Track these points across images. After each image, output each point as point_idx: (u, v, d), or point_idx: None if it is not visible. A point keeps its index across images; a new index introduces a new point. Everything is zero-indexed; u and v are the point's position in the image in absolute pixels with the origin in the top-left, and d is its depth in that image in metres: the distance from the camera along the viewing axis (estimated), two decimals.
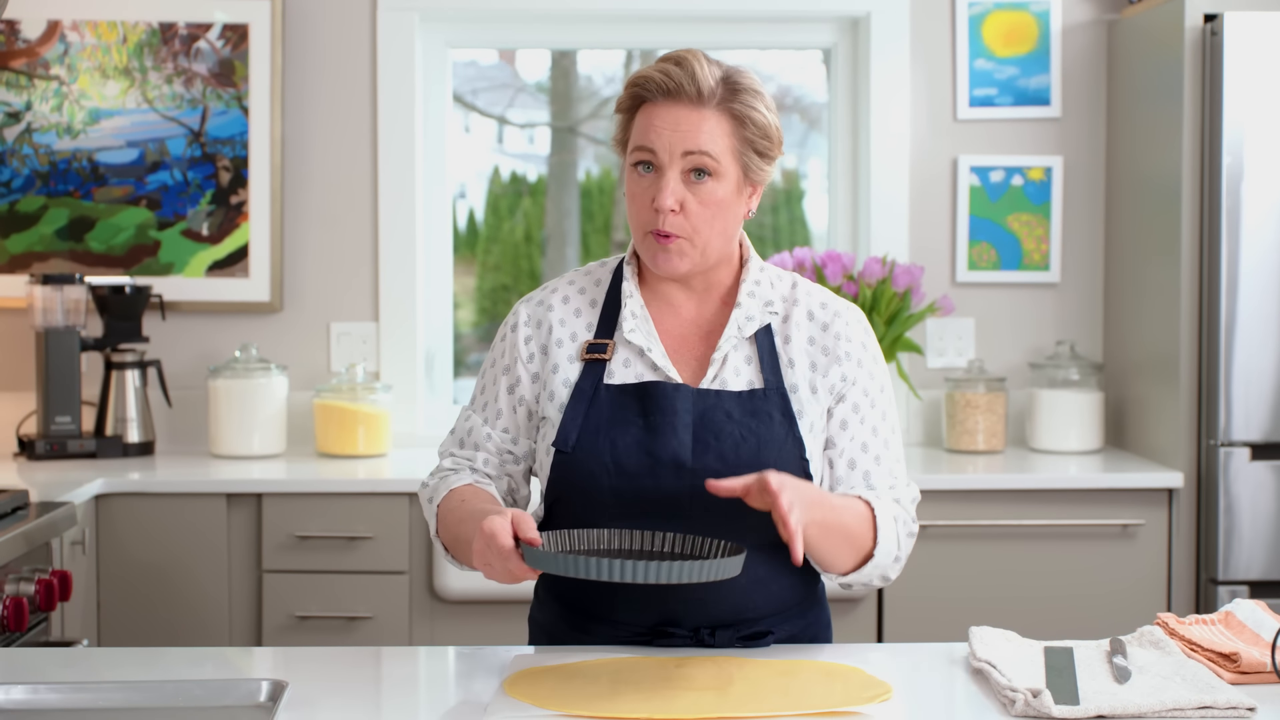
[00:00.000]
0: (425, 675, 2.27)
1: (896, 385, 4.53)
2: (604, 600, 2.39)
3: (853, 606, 3.99)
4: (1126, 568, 4.01)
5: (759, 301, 2.44)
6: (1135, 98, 4.35)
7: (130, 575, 3.93)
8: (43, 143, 4.46)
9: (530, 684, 2.12)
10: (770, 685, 2.12)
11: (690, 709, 2.01)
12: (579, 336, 2.45)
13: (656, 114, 2.34)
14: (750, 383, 2.39)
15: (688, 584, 2.25)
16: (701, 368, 2.42)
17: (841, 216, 4.70)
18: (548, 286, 2.53)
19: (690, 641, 2.36)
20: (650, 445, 2.33)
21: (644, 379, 2.39)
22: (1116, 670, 2.13)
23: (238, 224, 4.48)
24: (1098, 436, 4.38)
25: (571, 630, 2.44)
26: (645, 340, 2.41)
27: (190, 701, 2.00)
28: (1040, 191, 4.56)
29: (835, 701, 2.04)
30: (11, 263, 4.46)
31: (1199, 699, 1.98)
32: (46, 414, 4.27)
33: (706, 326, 2.45)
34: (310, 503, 3.95)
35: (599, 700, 2.04)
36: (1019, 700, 2.00)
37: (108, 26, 4.46)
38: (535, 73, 5.59)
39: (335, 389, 4.33)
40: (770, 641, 2.38)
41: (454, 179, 4.85)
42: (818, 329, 2.44)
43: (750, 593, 2.37)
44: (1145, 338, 4.27)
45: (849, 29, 4.66)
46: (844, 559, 2.35)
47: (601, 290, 2.49)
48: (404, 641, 3.96)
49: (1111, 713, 1.97)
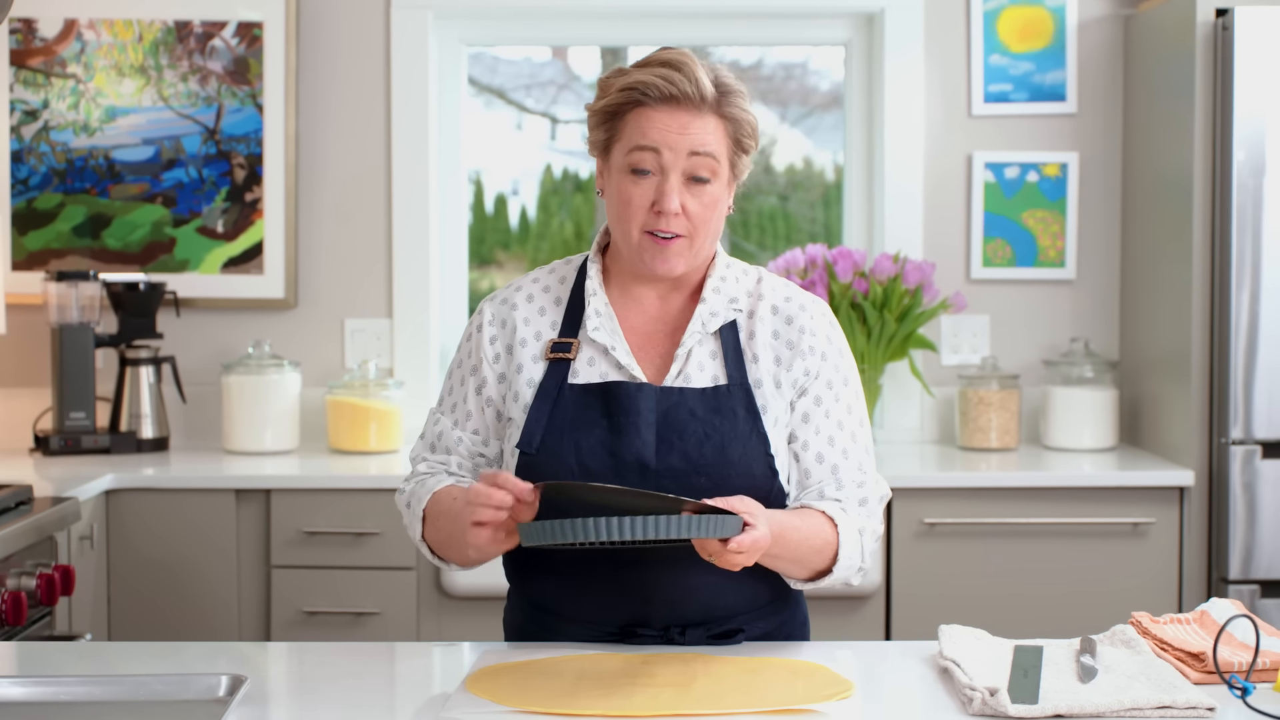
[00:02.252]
0: (395, 671, 2.27)
1: (909, 382, 4.52)
2: (572, 599, 2.39)
3: (860, 604, 3.98)
4: (1138, 566, 3.98)
5: (724, 298, 2.44)
6: (1150, 93, 4.32)
7: (140, 570, 3.96)
8: (60, 140, 4.49)
9: (493, 680, 2.13)
10: (732, 683, 2.11)
11: (648, 706, 2.01)
12: (543, 335, 2.45)
13: (657, 118, 2.33)
14: (715, 378, 2.39)
15: (665, 552, 2.27)
16: (666, 364, 2.42)
17: (856, 212, 4.69)
18: (512, 285, 2.53)
19: (660, 640, 2.36)
20: (614, 446, 2.33)
21: (609, 378, 2.39)
22: (1082, 669, 2.12)
23: (252, 221, 4.51)
24: (1112, 434, 4.35)
25: (541, 630, 2.45)
26: (609, 339, 2.41)
27: (150, 695, 2.01)
28: (1056, 188, 4.54)
29: (795, 699, 2.03)
30: (29, 259, 4.50)
31: (1158, 699, 1.96)
32: (61, 410, 4.30)
33: (672, 323, 2.45)
34: (318, 498, 3.96)
35: (559, 697, 2.04)
36: (976, 699, 1.99)
37: (124, 25, 4.49)
38: (588, 69, 5.58)
39: (348, 385, 4.34)
40: (741, 640, 2.38)
41: (494, 177, 4.85)
42: (781, 323, 2.44)
43: (720, 591, 2.37)
44: (1160, 335, 4.24)
45: (864, 25, 4.65)
46: (799, 576, 2.38)
47: (566, 288, 2.49)
48: (412, 637, 3.97)
49: (1069, 712, 1.95)
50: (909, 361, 4.42)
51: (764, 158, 5.20)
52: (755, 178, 5.19)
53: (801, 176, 5.13)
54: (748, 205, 5.17)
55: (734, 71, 2.41)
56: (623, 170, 2.36)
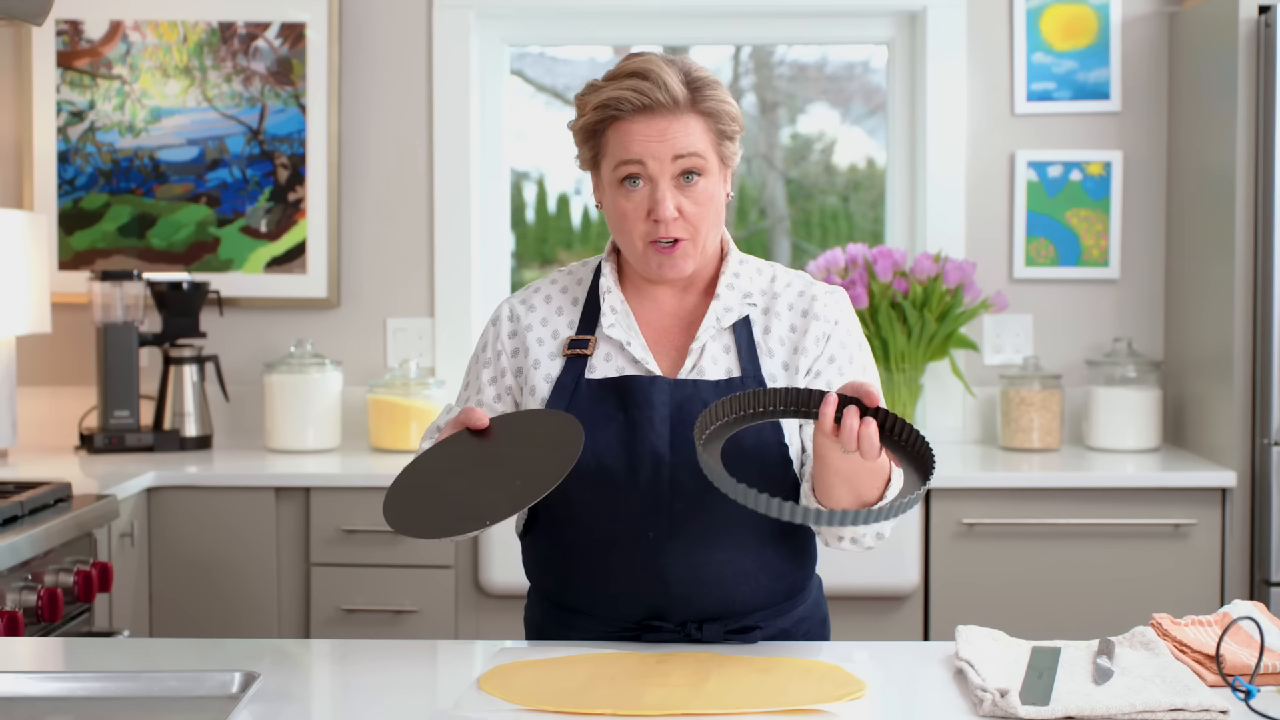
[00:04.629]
0: (411, 670, 2.27)
1: (950, 382, 4.50)
2: (589, 593, 2.40)
3: (898, 605, 3.97)
4: (1180, 568, 3.95)
5: (738, 294, 2.45)
6: (1195, 91, 4.29)
7: (180, 568, 3.99)
8: (105, 141, 4.53)
9: (505, 679, 2.13)
10: (744, 682, 2.11)
11: (657, 705, 2.00)
12: (560, 333, 2.48)
13: (635, 129, 2.35)
14: (728, 371, 2.41)
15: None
16: (681, 358, 2.44)
17: (899, 211, 4.67)
18: (531, 286, 2.56)
19: (677, 636, 2.37)
20: (629, 441, 2.35)
21: (625, 372, 2.41)
22: (1098, 671, 2.10)
23: (295, 221, 4.54)
24: (1155, 435, 4.32)
25: (560, 627, 2.46)
26: (625, 334, 2.43)
27: (163, 691, 2.02)
28: (1099, 186, 4.50)
29: (806, 699, 2.03)
30: (76, 259, 4.54)
31: (1170, 701, 1.95)
32: (106, 408, 4.34)
33: (687, 318, 2.47)
34: (357, 497, 3.98)
35: (570, 695, 2.04)
36: (986, 700, 1.98)
37: (168, 26, 4.52)
38: None
39: (389, 384, 4.36)
40: (757, 637, 2.38)
41: (556, 177, 4.85)
42: (798, 316, 2.46)
43: (738, 586, 2.38)
44: (1204, 334, 4.20)
45: (907, 23, 4.63)
46: (848, 493, 2.28)
47: (583, 288, 2.51)
48: (450, 635, 3.98)
49: (1079, 714, 1.94)
50: (950, 361, 4.40)
51: (825, 157, 5.18)
52: (816, 177, 5.18)
53: (863, 176, 5.11)
54: (809, 205, 5.16)
55: (795, 71, 2.41)
56: (614, 184, 2.38)
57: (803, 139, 5.23)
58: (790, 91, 5.11)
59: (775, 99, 5.16)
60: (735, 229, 5.47)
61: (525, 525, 2.50)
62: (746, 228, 5.34)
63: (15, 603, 3.10)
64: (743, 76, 5.22)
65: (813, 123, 5.18)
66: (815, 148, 5.23)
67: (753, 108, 5.11)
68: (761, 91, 5.20)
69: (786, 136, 5.22)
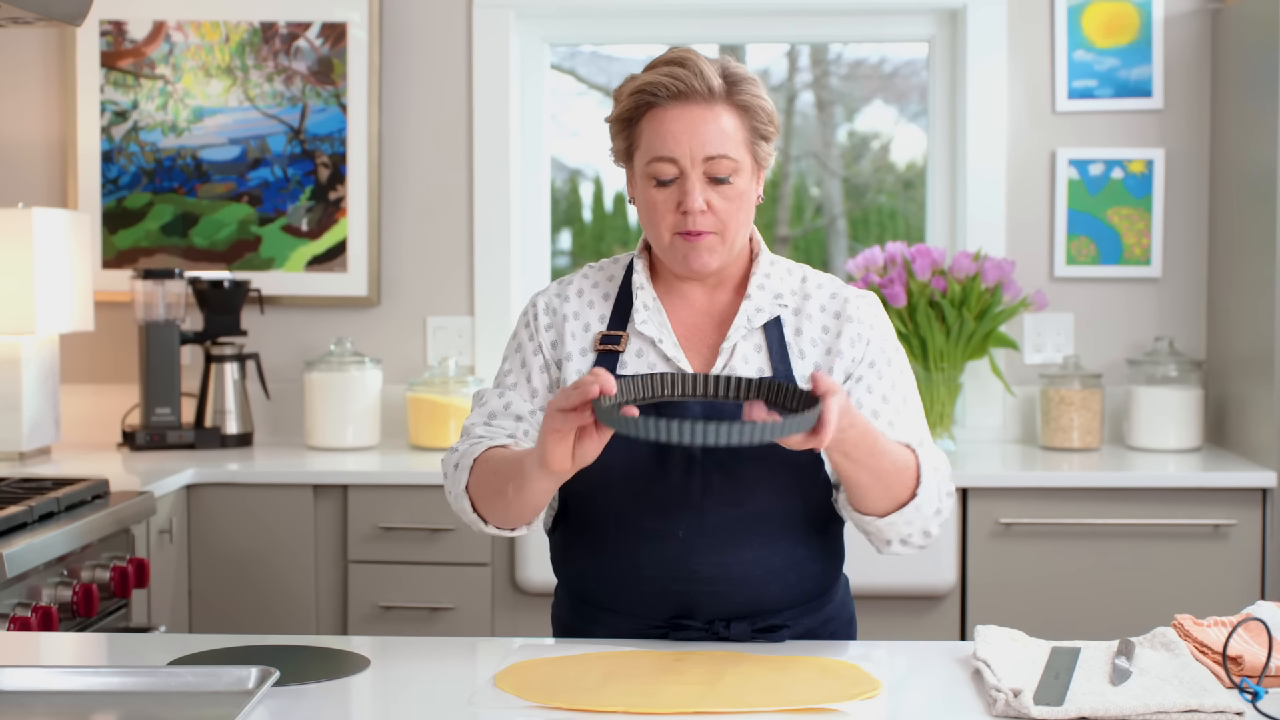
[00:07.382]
0: (437, 666, 2.28)
1: (990, 381, 4.48)
2: (616, 590, 2.40)
3: (935, 605, 3.95)
4: (1220, 569, 3.92)
5: (769, 294, 2.45)
6: (1238, 89, 4.25)
7: (219, 564, 4.01)
8: (148, 140, 4.57)
9: (521, 676, 2.14)
10: (759, 681, 2.11)
11: (673, 702, 2.00)
12: (592, 328, 2.48)
13: (669, 118, 2.35)
14: (760, 370, 2.41)
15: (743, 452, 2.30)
16: (712, 357, 2.44)
17: (939, 210, 4.66)
18: (563, 280, 2.56)
19: (705, 634, 2.37)
20: None
21: (656, 369, 2.40)
22: (1115, 671, 2.09)
23: (336, 220, 4.56)
24: (1197, 434, 4.29)
25: (587, 624, 2.46)
26: (657, 331, 2.43)
27: (179, 686, 2.04)
28: (1141, 185, 4.48)
29: (820, 698, 2.02)
30: (119, 258, 4.58)
31: (1185, 702, 1.93)
32: (147, 406, 4.37)
33: (719, 316, 2.47)
34: (394, 494, 4.00)
35: (584, 693, 2.05)
36: (1000, 700, 1.97)
37: (211, 26, 4.55)
38: None
39: (428, 382, 4.38)
40: (785, 636, 2.37)
41: (613, 176, 4.84)
42: (830, 318, 2.46)
43: (767, 584, 2.38)
44: (1246, 333, 4.17)
45: (948, 21, 4.62)
46: (878, 498, 2.30)
47: (615, 284, 2.52)
48: (486, 632, 3.99)
49: (1093, 714, 1.93)
50: (990, 360, 4.38)
51: (882, 154, 5.17)
52: (872, 175, 5.17)
53: (916, 174, 5.10)
54: (866, 203, 5.15)
55: (850, 68, 2.41)
56: (645, 178, 2.39)
57: (859, 137, 5.22)
58: (846, 90, 5.10)
59: (831, 98, 5.14)
60: (791, 227, 5.45)
61: (554, 521, 2.50)
62: (802, 226, 5.33)
63: (50, 598, 3.13)
64: (797, 74, 5.19)
65: (869, 121, 5.17)
66: (872, 146, 5.22)
67: (809, 106, 5.10)
68: (818, 90, 5.19)
69: (843, 134, 5.21)
